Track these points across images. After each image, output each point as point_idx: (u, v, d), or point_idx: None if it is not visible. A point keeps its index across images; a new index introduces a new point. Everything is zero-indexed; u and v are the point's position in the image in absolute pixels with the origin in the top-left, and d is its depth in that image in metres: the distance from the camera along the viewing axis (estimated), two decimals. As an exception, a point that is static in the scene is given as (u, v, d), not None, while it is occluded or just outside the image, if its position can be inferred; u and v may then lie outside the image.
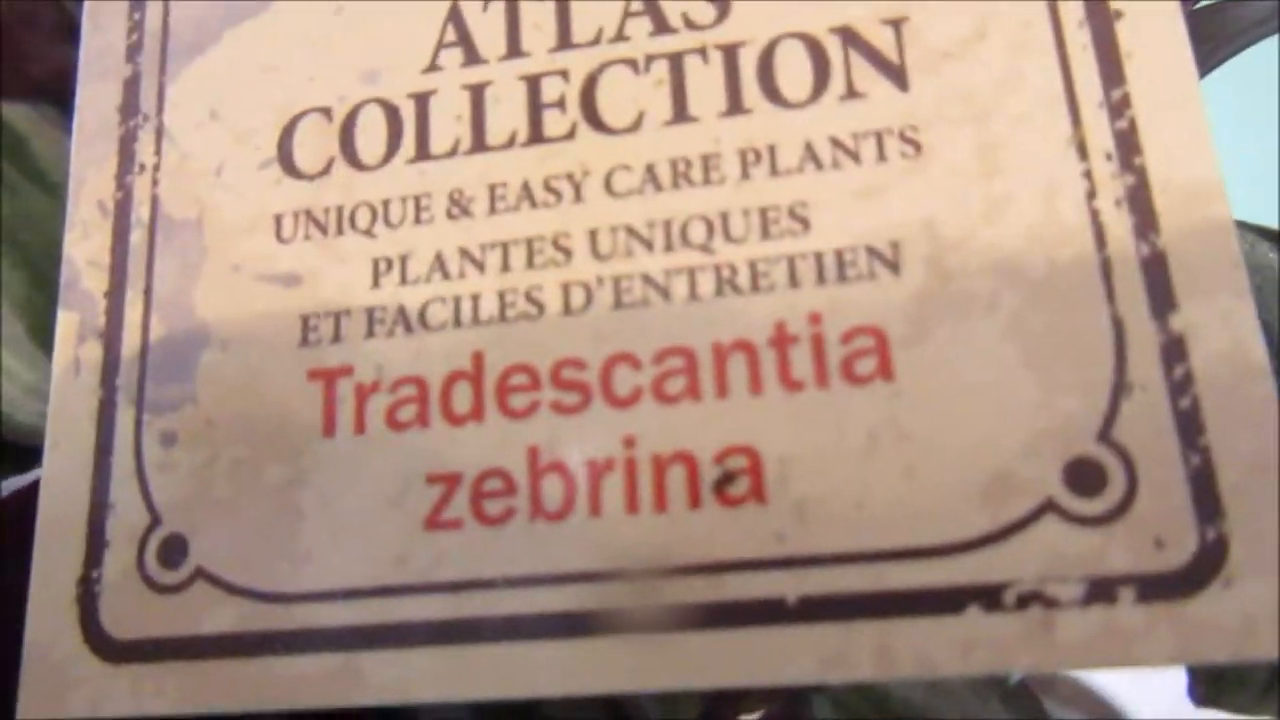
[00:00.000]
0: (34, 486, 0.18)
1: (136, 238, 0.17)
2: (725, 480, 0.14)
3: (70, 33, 0.34)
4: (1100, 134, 0.14)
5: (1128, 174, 0.14)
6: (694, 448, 0.14)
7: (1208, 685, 0.21)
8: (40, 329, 0.30)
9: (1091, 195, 0.14)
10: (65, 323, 0.17)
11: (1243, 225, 0.16)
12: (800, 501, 0.14)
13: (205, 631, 0.15)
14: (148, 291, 0.17)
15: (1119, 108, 0.14)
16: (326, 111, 0.17)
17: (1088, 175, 0.14)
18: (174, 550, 0.16)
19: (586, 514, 0.14)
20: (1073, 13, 0.15)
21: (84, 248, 0.18)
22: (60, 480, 0.17)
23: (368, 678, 0.15)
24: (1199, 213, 0.14)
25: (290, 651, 0.15)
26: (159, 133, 0.18)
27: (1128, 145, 0.14)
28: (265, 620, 0.15)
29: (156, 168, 0.18)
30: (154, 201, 0.17)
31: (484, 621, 0.14)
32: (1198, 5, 0.23)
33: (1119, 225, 0.14)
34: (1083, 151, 0.14)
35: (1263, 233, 0.23)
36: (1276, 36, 0.25)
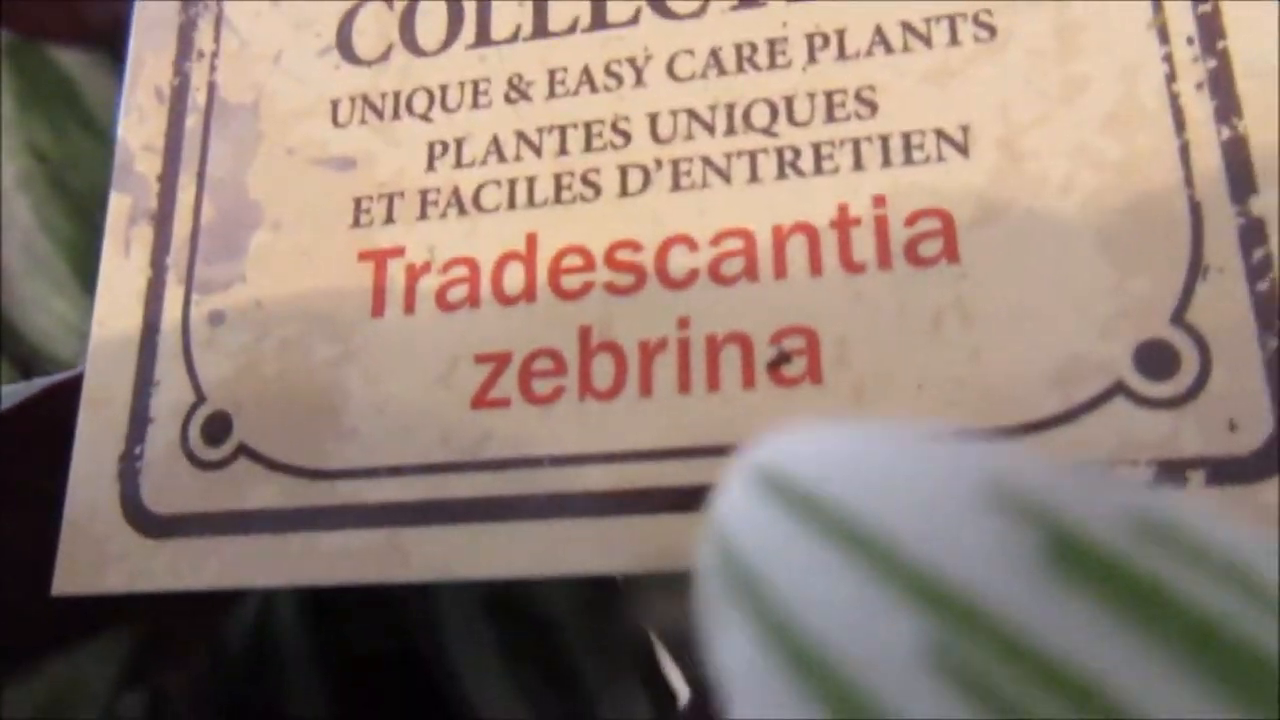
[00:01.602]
0: (78, 377, 0.18)
1: (192, 122, 0.17)
2: (781, 360, 0.14)
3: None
4: (1182, 18, 0.14)
5: (1209, 58, 0.13)
6: (749, 328, 0.14)
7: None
8: (85, 271, 0.31)
9: (1171, 79, 0.13)
10: (117, 205, 0.17)
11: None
12: (858, 382, 0.13)
13: (246, 507, 0.15)
14: (201, 175, 0.17)
15: (1203, -9, 0.14)
16: (387, -2, 0.17)
17: (1168, 59, 0.14)
18: (218, 427, 0.16)
19: (637, 394, 0.14)
20: (1156, -103, 0.14)
21: (139, 132, 0.17)
22: (106, 358, 0.17)
23: (410, 554, 0.14)
24: (1283, 97, 0.13)
25: (332, 527, 0.15)
26: (219, 20, 0.18)
27: (1211, 29, 0.14)
28: (307, 496, 0.15)
29: (215, 54, 0.17)
30: (211, 87, 0.17)
31: (529, 499, 0.14)
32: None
33: (1199, 109, 0.13)
34: (1164, 35, 0.14)
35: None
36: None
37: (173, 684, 0.26)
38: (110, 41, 0.34)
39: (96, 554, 0.16)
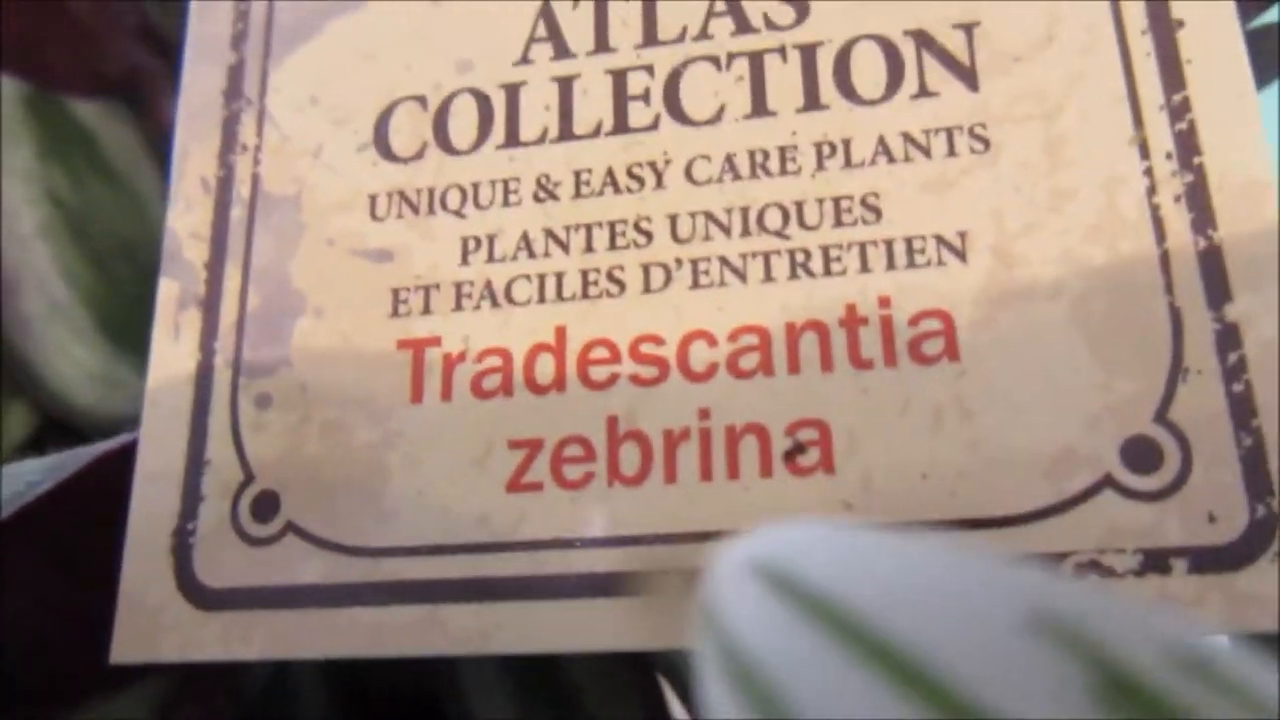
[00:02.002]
0: (126, 448, 0.19)
1: (237, 213, 0.18)
2: (796, 450, 0.15)
3: (147, 35, 0.36)
4: (1161, 135, 0.15)
5: (1187, 173, 0.15)
6: (766, 420, 0.15)
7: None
8: (105, 318, 0.32)
9: (1152, 191, 0.15)
10: (166, 290, 0.18)
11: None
12: (867, 472, 0.15)
13: (294, 582, 0.16)
14: (246, 263, 0.18)
15: (1179, 111, 0.15)
16: (422, 99, 0.18)
17: (1148, 173, 0.15)
18: (266, 505, 0.17)
19: (662, 480, 0.15)
20: (1136, 20, 0.15)
21: (186, 221, 0.19)
22: (158, 436, 0.18)
23: (449, 628, 0.15)
24: (1254, 210, 0.14)
25: (376, 602, 0.16)
26: (261, 116, 0.19)
27: (1187, 146, 0.15)
28: (352, 572, 0.16)
29: (258, 148, 0.19)
30: (255, 180, 0.18)
31: (561, 579, 0.15)
32: (1252, 25, 0.24)
33: (1178, 220, 0.15)
34: (1144, 151, 0.15)
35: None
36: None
37: (197, 725, 0.27)
38: (126, 92, 0.35)
39: (151, 625, 0.17)
